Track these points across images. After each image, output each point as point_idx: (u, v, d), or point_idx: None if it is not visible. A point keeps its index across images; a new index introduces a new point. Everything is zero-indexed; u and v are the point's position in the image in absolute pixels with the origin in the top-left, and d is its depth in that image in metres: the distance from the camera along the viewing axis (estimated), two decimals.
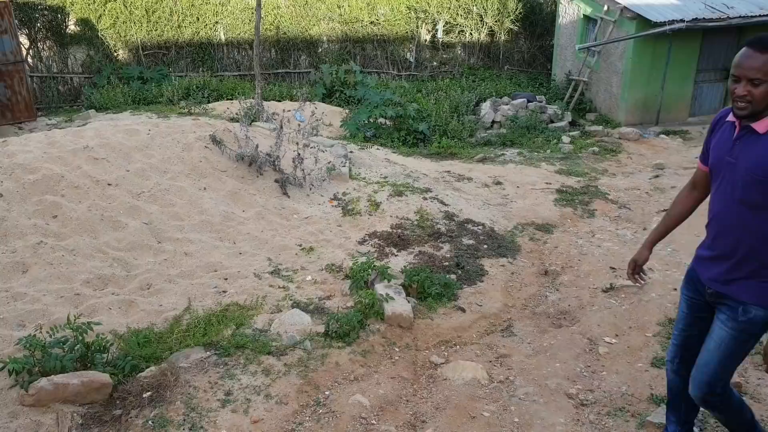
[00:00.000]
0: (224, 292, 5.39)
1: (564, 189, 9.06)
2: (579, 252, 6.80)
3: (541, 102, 14.58)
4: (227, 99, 14.73)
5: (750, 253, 3.10)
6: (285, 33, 18.43)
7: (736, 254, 3.14)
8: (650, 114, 13.97)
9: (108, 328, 4.62)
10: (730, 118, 3.14)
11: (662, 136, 12.91)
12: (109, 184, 6.31)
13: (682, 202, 3.55)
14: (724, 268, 3.20)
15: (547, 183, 9.44)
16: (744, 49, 2.96)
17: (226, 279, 5.59)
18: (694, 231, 7.17)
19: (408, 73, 19.19)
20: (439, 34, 19.56)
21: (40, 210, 5.77)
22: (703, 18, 12.91)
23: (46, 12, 16.94)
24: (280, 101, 15.09)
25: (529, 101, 14.48)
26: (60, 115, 14.85)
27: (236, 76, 17.98)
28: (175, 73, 17.35)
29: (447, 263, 6.27)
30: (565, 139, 12.60)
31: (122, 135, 7.13)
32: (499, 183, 9.30)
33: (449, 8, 19.18)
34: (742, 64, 2.93)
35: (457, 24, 19.37)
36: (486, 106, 14.58)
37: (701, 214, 7.80)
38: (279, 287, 5.57)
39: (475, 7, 19.03)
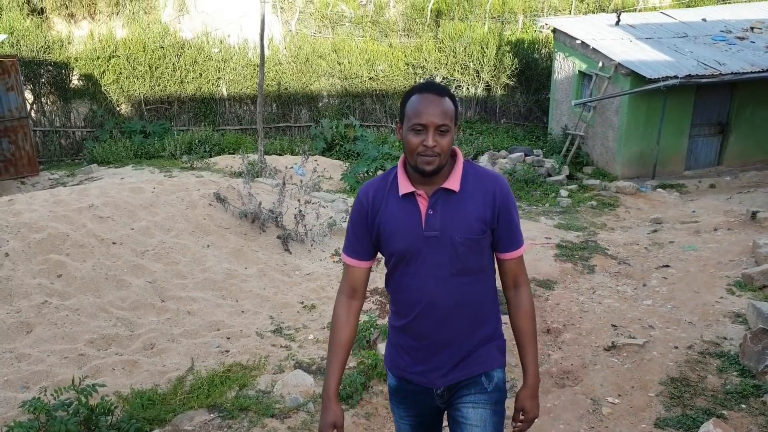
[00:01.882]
0: (227, 351, 5.39)
1: (564, 244, 9.13)
2: (580, 309, 6.83)
3: (538, 156, 14.77)
4: (229, 153, 14.91)
5: (471, 324, 2.72)
6: (286, 88, 18.75)
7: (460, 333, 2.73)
8: (647, 168, 14.14)
9: (112, 389, 4.61)
10: (406, 188, 2.62)
11: (659, 189, 13.05)
12: (113, 243, 6.37)
13: (347, 320, 2.82)
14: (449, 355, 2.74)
15: (546, 238, 9.51)
16: (417, 96, 2.54)
17: (229, 338, 5.61)
18: (693, 286, 7.24)
19: None
20: None
21: (45, 269, 5.82)
22: (696, 74, 13.19)
23: (51, 68, 17.26)
24: (281, 155, 15.28)
25: (526, 155, 14.67)
26: (62, 168, 14.99)
27: (238, 130, 18.22)
28: (177, 127, 17.58)
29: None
30: (563, 192, 12.73)
31: (127, 193, 7.23)
32: None
33: (446, 64, 19.57)
34: (426, 110, 2.50)
35: (455, 79, 19.73)
36: (484, 160, 14.76)
37: (700, 269, 7.85)
38: (281, 346, 5.58)
39: (471, 64, 19.41)
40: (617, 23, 15.62)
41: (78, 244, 6.18)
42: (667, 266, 7.99)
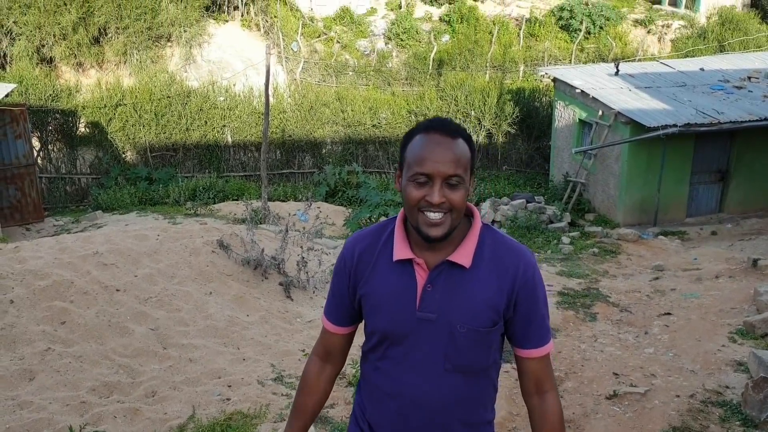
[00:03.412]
0: (228, 399, 5.39)
1: (565, 291, 9.15)
2: (582, 357, 6.82)
3: (540, 202, 14.87)
4: (233, 200, 15.04)
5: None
6: (290, 135, 19.01)
7: None
8: (648, 215, 14.22)
9: None
10: (402, 253, 2.10)
11: (661, 237, 13.11)
12: (117, 290, 6.42)
13: (316, 383, 2.34)
14: None
15: (548, 285, 9.53)
16: (422, 137, 2.02)
17: (230, 386, 5.61)
18: (695, 334, 7.23)
19: None
20: None
21: (49, 316, 5.86)
22: (695, 123, 13.36)
23: (58, 116, 17.55)
24: (284, 201, 15.40)
25: (528, 201, 14.77)
26: (66, 215, 15.11)
27: (242, 176, 18.40)
28: (181, 173, 17.77)
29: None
30: (565, 239, 12.78)
31: (132, 240, 7.31)
32: None
33: (448, 112, 19.84)
34: (432, 156, 1.98)
35: None
36: (486, 206, 14.85)
37: (702, 317, 7.85)
38: (282, 395, 5.58)
39: (473, 112, 19.68)
40: (616, 73, 15.89)
41: (82, 291, 6.23)
42: (669, 314, 8.00)
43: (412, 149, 2.03)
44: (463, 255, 2.08)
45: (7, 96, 12.74)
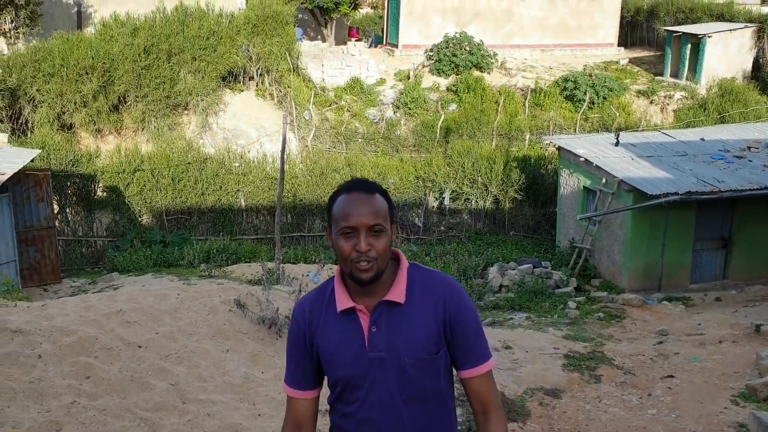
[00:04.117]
0: None
1: (571, 354, 9.35)
2: (587, 417, 7.00)
3: (546, 268, 15.15)
4: (245, 262, 15.36)
5: None
6: (301, 200, 19.47)
7: None
8: (652, 280, 14.45)
9: None
10: (344, 303, 2.33)
11: (665, 302, 13.31)
12: (139, 347, 6.70)
13: None
14: None
15: (555, 348, 9.74)
16: (344, 196, 2.29)
17: None
18: (697, 396, 7.41)
19: (417, 236, 19.99)
20: (446, 202, 20.60)
21: (75, 371, 6.12)
22: (696, 191, 13.73)
23: (77, 180, 18.08)
24: (295, 263, 15.71)
25: (535, 267, 15.05)
26: (82, 276, 15.44)
27: (254, 239, 18.78)
28: (195, 236, 18.16)
29: (457, 429, 6.47)
30: (571, 304, 13.00)
31: (153, 299, 7.62)
32: (508, 347, 9.60)
33: (455, 178, 20.34)
34: (355, 210, 2.23)
35: (464, 192, 20.43)
36: (493, 271, 15.13)
37: (705, 380, 8.02)
38: None
39: (479, 178, 20.15)
40: (616, 144, 16.36)
41: (106, 347, 6.51)
42: (672, 377, 8.18)
43: (337, 208, 2.30)
44: (397, 293, 2.32)
45: (31, 161, 13.26)
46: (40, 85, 20.29)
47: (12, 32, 23.77)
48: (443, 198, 20.68)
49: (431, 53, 28.34)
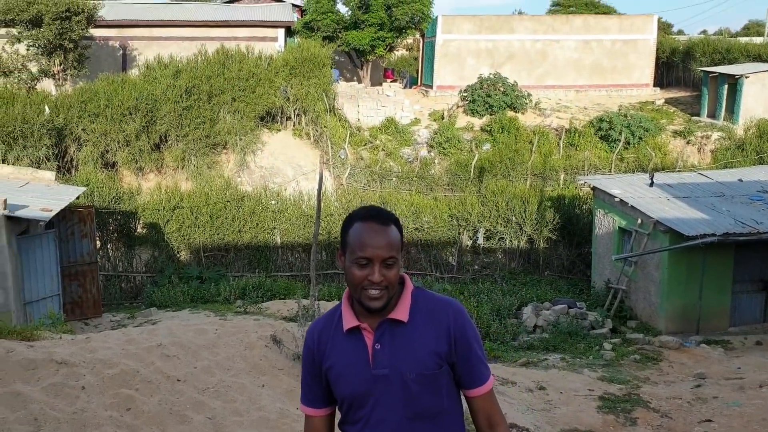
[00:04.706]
0: None
1: (606, 396, 9.25)
2: None
3: (581, 308, 15.04)
4: (280, 299, 15.52)
5: None
6: (336, 237, 19.64)
7: None
8: (690, 323, 14.23)
9: None
10: (350, 322, 2.44)
11: (703, 345, 13.09)
12: (178, 380, 6.85)
13: None
14: None
15: (589, 389, 9.65)
16: (360, 225, 2.38)
17: None
18: None
19: (450, 275, 19.99)
20: (480, 241, 20.61)
21: (116, 402, 6.28)
22: (734, 232, 13.57)
23: (119, 217, 18.55)
24: (329, 301, 15.82)
25: (569, 307, 14.95)
26: (121, 311, 15.74)
27: (289, 276, 18.97)
28: (232, 273, 18.42)
29: None
30: (607, 346, 12.87)
31: (192, 334, 7.80)
32: (542, 388, 9.55)
33: (489, 217, 20.38)
34: (371, 242, 2.32)
35: (497, 231, 20.44)
36: (528, 311, 15.07)
37: (744, 425, 7.90)
38: None
39: (514, 218, 20.17)
40: (651, 184, 16.29)
41: (146, 380, 6.67)
42: (710, 421, 8.06)
43: (353, 235, 2.38)
44: (400, 312, 2.42)
45: (76, 198, 13.68)
46: (85, 125, 21.00)
47: (60, 74, 24.71)
48: (477, 237, 20.71)
49: (465, 94, 28.67)
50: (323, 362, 2.48)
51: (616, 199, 15.74)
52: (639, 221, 14.98)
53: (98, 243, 18.10)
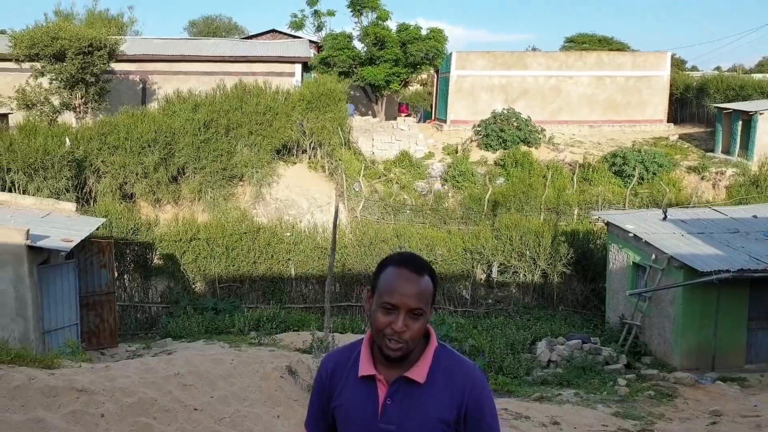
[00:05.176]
0: None
1: None
2: None
3: (595, 344, 14.99)
4: (294, 330, 15.59)
5: None
6: (350, 270, 19.76)
7: None
8: (705, 359, 14.15)
9: None
10: (366, 369, 2.39)
11: (719, 382, 12.99)
12: (195, 409, 6.93)
13: None
14: None
15: (603, 425, 9.62)
16: (393, 269, 2.32)
17: None
18: None
19: (464, 309, 19.99)
20: (494, 275, 20.63)
21: (135, 430, 6.37)
22: (749, 269, 13.55)
23: (136, 248, 18.77)
24: (342, 333, 15.87)
25: (584, 342, 14.91)
26: (137, 342, 15.84)
27: (303, 308, 19.05)
28: (246, 304, 18.52)
29: None
30: (621, 381, 12.80)
31: (209, 364, 7.90)
32: (556, 423, 9.53)
33: (503, 251, 20.42)
34: (400, 289, 2.26)
35: (511, 265, 20.46)
36: (542, 346, 15.04)
37: None
38: None
39: (527, 252, 20.20)
40: (664, 219, 16.33)
41: (164, 408, 6.76)
42: None
43: (384, 279, 2.32)
44: (419, 372, 2.35)
45: (96, 229, 13.91)
46: (105, 157, 21.35)
47: (81, 107, 25.22)
48: (491, 271, 20.73)
49: (479, 128, 28.92)
50: (332, 398, 2.45)
51: (630, 235, 15.78)
52: (653, 257, 14.99)
53: (115, 273, 18.32)
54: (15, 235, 10.18)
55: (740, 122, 26.75)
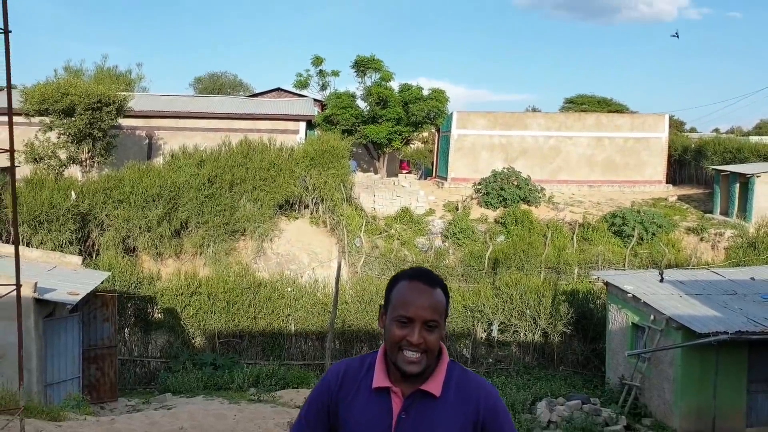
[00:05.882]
0: None
1: None
2: None
3: (595, 404, 14.95)
4: (293, 387, 15.54)
5: None
6: (350, 326, 19.79)
7: None
8: (705, 422, 14.09)
9: None
10: (381, 381, 2.35)
11: None
12: None
13: None
14: None
15: None
16: (406, 283, 2.33)
17: None
18: None
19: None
20: (494, 333, 20.63)
21: None
22: (747, 331, 13.62)
23: (138, 302, 18.85)
24: None
25: (584, 403, 14.87)
26: (135, 396, 15.79)
27: (302, 365, 19.01)
28: (245, 360, 18.49)
29: None
30: None
31: (212, 419, 7.95)
32: None
33: (504, 309, 20.47)
34: (415, 301, 2.27)
35: (512, 324, 20.49)
36: (542, 406, 14.99)
37: None
38: None
39: (528, 311, 20.26)
40: (661, 280, 16.47)
41: None
42: None
43: (397, 293, 2.32)
44: (434, 385, 2.33)
45: (101, 282, 14.05)
46: (109, 211, 21.64)
47: (88, 161, 25.63)
48: (492, 329, 20.75)
49: (479, 186, 29.30)
50: (339, 409, 2.37)
51: (629, 295, 15.89)
52: (652, 317, 15.07)
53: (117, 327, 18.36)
54: (23, 288, 10.31)
55: (738, 184, 27.13)
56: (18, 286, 6.75)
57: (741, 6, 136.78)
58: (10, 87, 5.82)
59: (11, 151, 6.53)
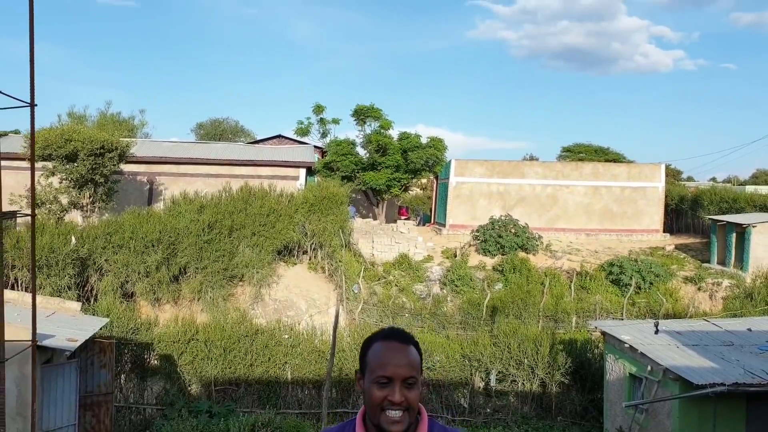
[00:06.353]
0: None
1: None
2: None
3: None
4: None
5: None
6: (347, 375, 19.68)
7: None
8: None
9: None
10: None
11: None
12: None
13: None
14: None
15: None
16: (380, 344, 2.36)
17: None
18: None
19: (462, 418, 19.77)
20: (492, 383, 20.52)
21: None
22: (744, 383, 13.59)
23: (134, 348, 18.80)
24: None
25: None
26: None
27: (298, 414, 18.87)
28: (241, 408, 18.35)
29: None
30: None
31: None
32: None
33: (501, 359, 20.40)
34: (392, 360, 2.29)
35: (510, 373, 20.40)
36: None
37: None
38: None
39: (526, 360, 20.19)
40: (656, 332, 16.49)
41: None
42: None
43: (373, 354, 2.35)
44: None
45: (100, 329, 14.07)
46: (108, 256, 21.71)
47: (89, 206, 25.81)
48: (489, 378, 20.64)
49: (477, 233, 29.46)
50: None
51: (626, 345, 15.88)
52: (649, 368, 15.05)
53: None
54: (22, 335, 10.35)
55: (734, 234, 27.29)
56: (34, 342, 6.78)
57: (735, 57, 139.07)
58: (33, 156, 5.99)
59: (32, 204, 6.66)
